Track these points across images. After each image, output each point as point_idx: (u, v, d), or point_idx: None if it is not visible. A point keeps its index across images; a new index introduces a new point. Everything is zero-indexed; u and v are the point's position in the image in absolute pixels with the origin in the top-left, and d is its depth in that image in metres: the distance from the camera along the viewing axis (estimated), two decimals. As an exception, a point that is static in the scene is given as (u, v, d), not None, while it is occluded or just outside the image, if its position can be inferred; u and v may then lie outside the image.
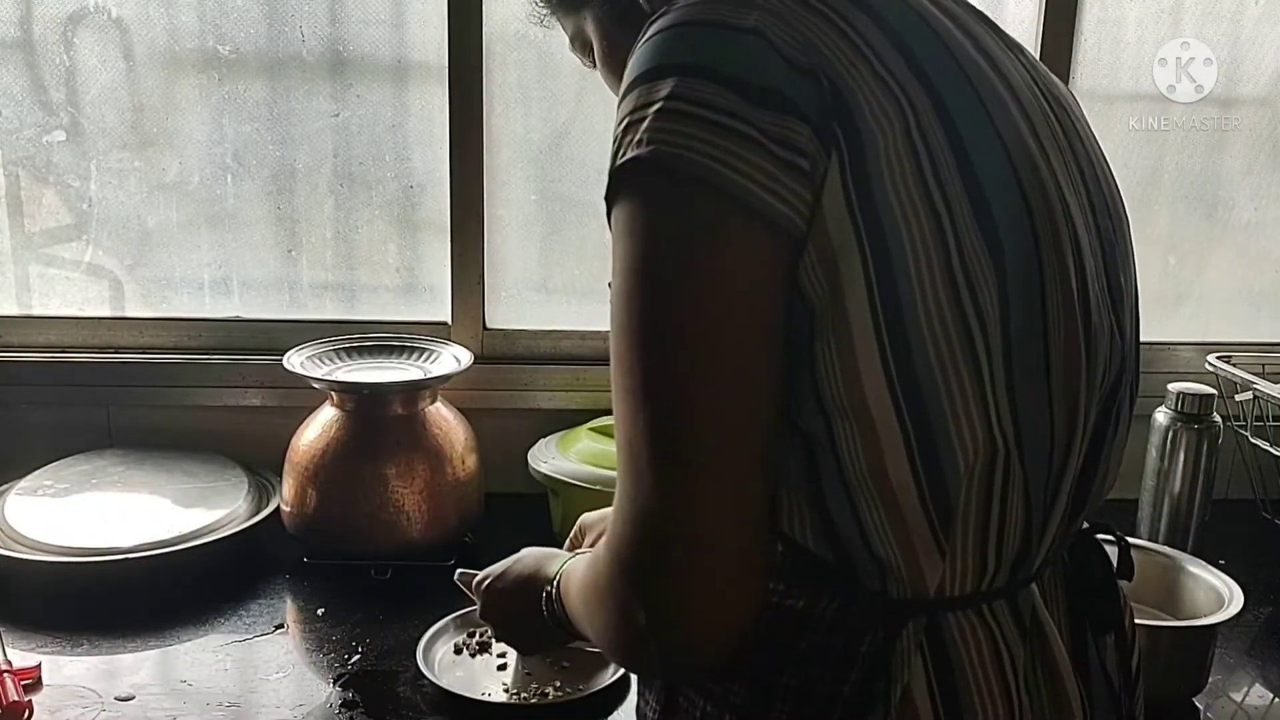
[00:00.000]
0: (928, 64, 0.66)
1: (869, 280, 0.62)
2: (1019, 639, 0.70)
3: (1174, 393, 1.45)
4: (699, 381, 0.62)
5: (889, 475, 0.64)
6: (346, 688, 1.15)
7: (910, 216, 0.62)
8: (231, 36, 1.60)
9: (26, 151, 1.63)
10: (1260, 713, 1.21)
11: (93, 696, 1.12)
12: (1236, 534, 1.56)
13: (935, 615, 0.67)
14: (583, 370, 1.67)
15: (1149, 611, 1.25)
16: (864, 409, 0.63)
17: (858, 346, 0.62)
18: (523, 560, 1.03)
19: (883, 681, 0.66)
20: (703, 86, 0.62)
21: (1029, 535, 0.69)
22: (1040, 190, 0.67)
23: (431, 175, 1.66)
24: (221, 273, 1.68)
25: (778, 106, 0.61)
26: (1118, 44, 1.71)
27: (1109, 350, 0.71)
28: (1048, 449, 0.68)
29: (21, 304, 1.67)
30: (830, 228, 0.62)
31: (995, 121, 0.67)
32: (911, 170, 0.62)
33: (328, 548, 1.42)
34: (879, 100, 0.63)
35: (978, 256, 0.63)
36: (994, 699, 0.68)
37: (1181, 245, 1.80)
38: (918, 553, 0.66)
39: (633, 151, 0.63)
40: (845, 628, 0.67)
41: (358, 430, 1.43)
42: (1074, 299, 0.68)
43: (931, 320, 0.62)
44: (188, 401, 1.63)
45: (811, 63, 0.62)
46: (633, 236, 0.64)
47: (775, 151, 0.61)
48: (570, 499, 1.47)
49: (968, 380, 0.64)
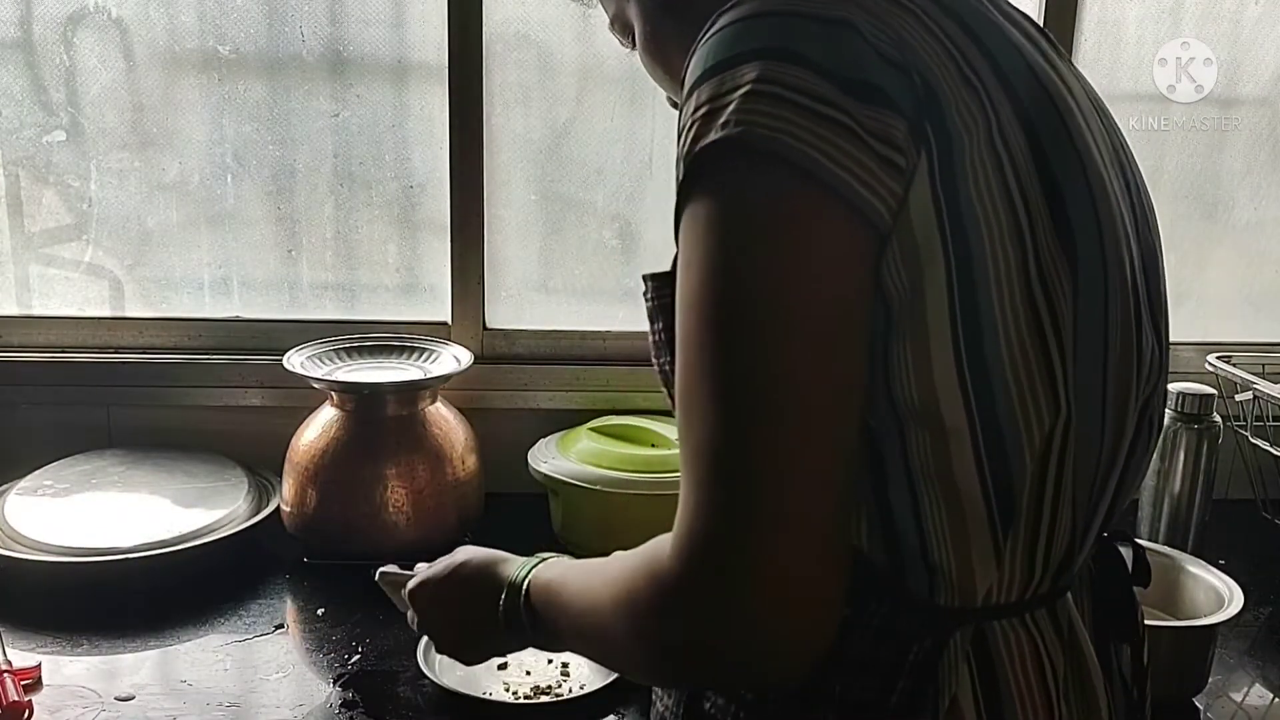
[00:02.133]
0: (1007, 68, 0.65)
1: (950, 280, 0.61)
2: (1059, 648, 0.70)
3: (1174, 393, 1.45)
4: (794, 381, 0.59)
5: (955, 476, 0.63)
6: (346, 688, 1.15)
7: (992, 218, 0.62)
8: (231, 36, 1.60)
9: (26, 151, 1.63)
10: (1260, 713, 1.21)
11: (93, 696, 1.12)
12: (1236, 534, 1.56)
13: (981, 624, 0.67)
14: (583, 370, 1.67)
15: (1149, 611, 1.24)
16: (935, 409, 0.62)
17: (933, 346, 0.62)
18: (468, 563, 0.94)
19: (931, 691, 0.66)
20: (795, 71, 0.59)
21: (1073, 542, 0.69)
22: (1106, 200, 0.68)
23: (431, 175, 1.66)
24: (221, 273, 1.68)
25: (875, 100, 0.60)
26: (1118, 44, 1.71)
27: (1150, 360, 0.72)
28: (1097, 454, 0.68)
29: (21, 304, 1.67)
30: (916, 226, 0.60)
31: (1069, 128, 0.67)
32: (994, 172, 0.62)
33: (328, 548, 1.42)
34: (965, 101, 0.62)
35: (1054, 263, 0.63)
36: (1036, 709, 0.68)
37: (1181, 245, 1.80)
38: (973, 558, 0.65)
39: (719, 133, 0.59)
40: (893, 636, 0.66)
41: (358, 430, 1.43)
42: (1130, 309, 0.68)
43: (1006, 322, 0.62)
44: (188, 401, 1.63)
45: (904, 58, 0.61)
46: (721, 226, 0.60)
47: (874, 147, 0.59)
48: (570, 499, 1.47)
49: (1040, 384, 0.63)
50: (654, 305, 0.72)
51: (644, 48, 0.83)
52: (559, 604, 0.79)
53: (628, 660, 0.73)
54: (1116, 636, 0.77)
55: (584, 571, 0.76)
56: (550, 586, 0.80)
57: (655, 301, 0.71)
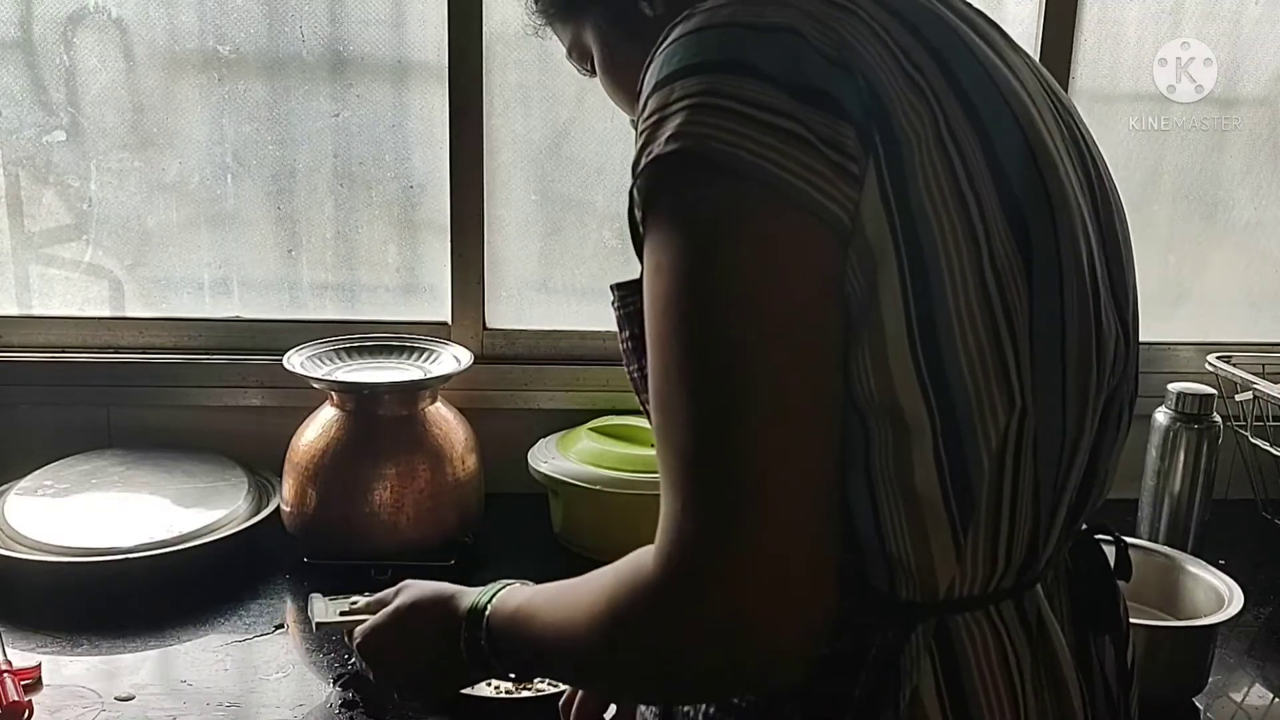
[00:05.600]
0: (953, 62, 0.65)
1: (904, 280, 0.61)
2: (1025, 641, 0.70)
3: (1174, 393, 1.45)
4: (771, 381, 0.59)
5: (915, 473, 0.63)
6: (346, 688, 1.15)
7: (944, 217, 0.62)
8: (231, 36, 1.60)
9: (26, 151, 1.63)
10: (1260, 713, 1.21)
11: (93, 696, 1.12)
12: (1236, 534, 1.56)
13: (944, 616, 0.67)
14: (583, 370, 1.67)
15: (1149, 611, 1.25)
16: (895, 409, 0.62)
17: (890, 347, 0.62)
18: (418, 602, 0.91)
19: (892, 684, 0.66)
20: (742, 83, 0.60)
21: (1035, 535, 0.69)
22: (1061, 192, 0.67)
23: (431, 175, 1.66)
24: (221, 273, 1.68)
25: (824, 105, 0.60)
26: (1118, 44, 1.71)
27: (1114, 351, 0.72)
28: (1058, 448, 0.68)
29: (21, 304, 1.67)
30: (869, 229, 0.61)
31: (1020, 122, 0.67)
32: (944, 171, 0.62)
33: (328, 548, 1.42)
34: (910, 100, 0.62)
35: (1008, 259, 0.63)
36: (1001, 701, 0.68)
37: (1181, 245, 1.80)
38: (934, 553, 0.65)
39: (670, 145, 0.60)
40: (854, 630, 0.67)
41: (358, 430, 1.43)
42: (1088, 303, 0.68)
43: (962, 321, 0.62)
44: (188, 401, 1.63)
45: (848, 60, 0.61)
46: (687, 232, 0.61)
47: (828, 154, 0.59)
48: (570, 499, 1.47)
49: (995, 381, 0.64)
50: (621, 313, 0.73)
51: (604, 71, 0.83)
52: (529, 629, 0.77)
53: (612, 679, 0.72)
54: (1097, 630, 0.77)
55: (556, 593, 0.75)
56: (520, 611, 0.79)
57: (622, 310, 0.72)
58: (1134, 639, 0.82)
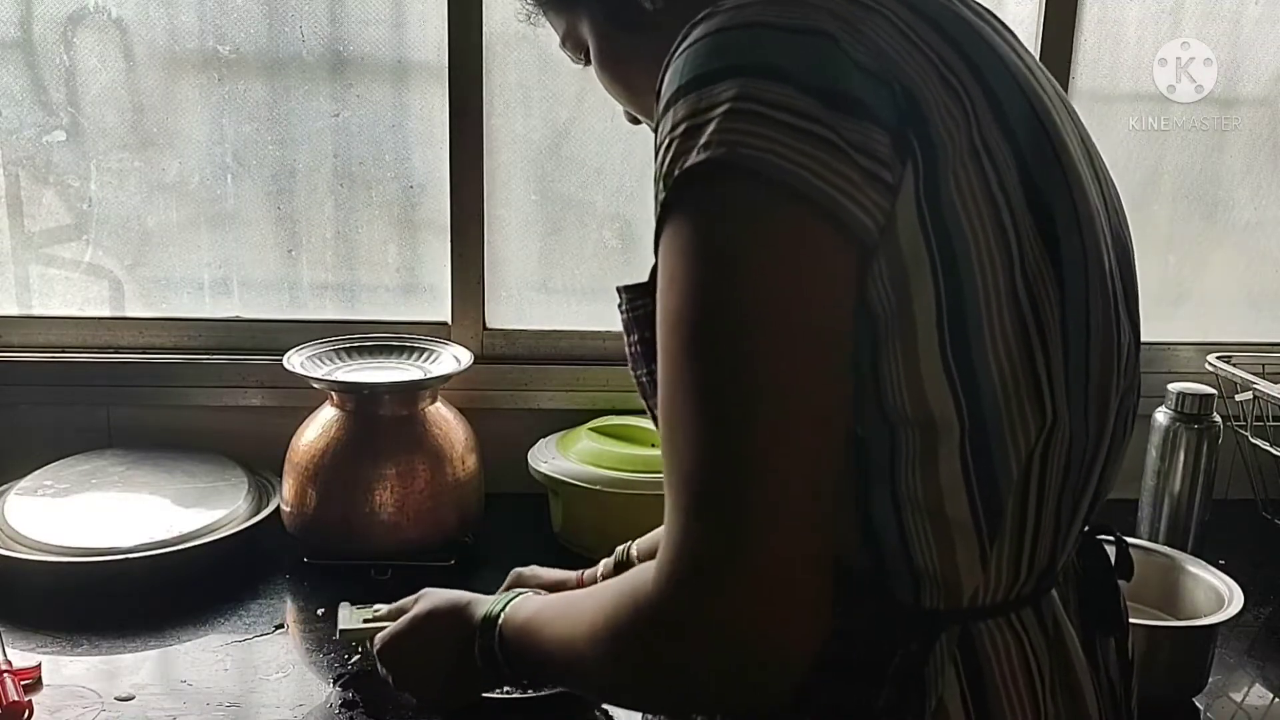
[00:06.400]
0: (983, 66, 0.64)
1: (937, 289, 0.60)
2: (1044, 645, 0.70)
3: (1174, 393, 1.45)
4: (778, 395, 0.58)
5: (943, 485, 0.63)
6: (346, 688, 1.15)
7: (976, 224, 0.61)
8: (231, 36, 1.60)
9: (26, 151, 1.63)
10: (1260, 713, 1.21)
11: (93, 696, 1.12)
12: (1236, 534, 1.56)
13: (967, 625, 0.67)
14: (583, 370, 1.67)
15: (1149, 611, 1.25)
16: (927, 419, 0.62)
17: (922, 359, 0.61)
18: (435, 610, 0.93)
19: (917, 695, 0.65)
20: (773, 88, 0.58)
21: (1056, 540, 0.69)
22: (1083, 193, 0.67)
23: (431, 175, 1.66)
24: (221, 273, 1.68)
25: (856, 112, 0.59)
26: (1118, 44, 1.71)
27: (1128, 354, 0.72)
28: (1081, 453, 0.68)
29: (21, 304, 1.67)
30: (902, 238, 0.60)
31: (1043, 122, 0.66)
32: (976, 177, 0.61)
33: (328, 548, 1.42)
34: (946, 104, 0.61)
35: (1038, 265, 0.63)
36: (1024, 707, 0.67)
37: (1181, 245, 1.80)
38: (960, 563, 0.65)
39: (702, 154, 0.58)
40: (878, 641, 0.66)
41: (358, 430, 1.43)
42: (1110, 308, 0.68)
43: (994, 332, 0.62)
44: (188, 401, 1.63)
45: (882, 68, 0.60)
46: (705, 246, 0.60)
47: (859, 161, 0.58)
48: (570, 499, 1.47)
49: (1026, 392, 0.63)
50: (629, 317, 0.71)
51: (600, 64, 0.82)
52: (540, 639, 0.77)
53: (619, 689, 0.72)
54: (1102, 630, 0.77)
55: (565, 604, 0.75)
56: (530, 622, 0.80)
57: (630, 313, 0.71)
58: (1134, 639, 0.82)
